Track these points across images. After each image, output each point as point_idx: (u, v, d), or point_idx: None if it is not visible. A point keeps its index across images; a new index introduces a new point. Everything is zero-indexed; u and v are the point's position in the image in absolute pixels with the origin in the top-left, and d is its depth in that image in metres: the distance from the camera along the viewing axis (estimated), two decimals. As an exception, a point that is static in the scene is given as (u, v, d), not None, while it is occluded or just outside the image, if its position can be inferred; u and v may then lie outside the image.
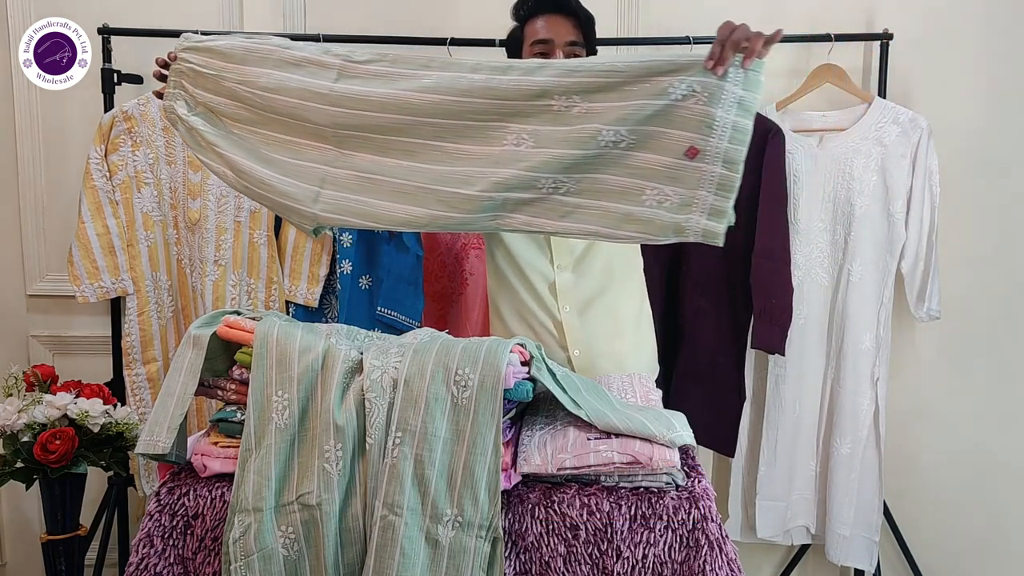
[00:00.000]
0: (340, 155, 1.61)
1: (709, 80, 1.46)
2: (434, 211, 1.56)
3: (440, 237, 2.48)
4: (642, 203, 1.51)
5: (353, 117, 1.56)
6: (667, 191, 1.50)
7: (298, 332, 1.42)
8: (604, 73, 1.49)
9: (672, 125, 1.48)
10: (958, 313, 2.56)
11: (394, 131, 1.56)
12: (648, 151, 1.50)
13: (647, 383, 1.75)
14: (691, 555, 1.34)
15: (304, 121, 1.59)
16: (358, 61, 1.57)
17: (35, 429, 2.04)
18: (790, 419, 2.50)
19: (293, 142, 1.63)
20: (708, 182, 1.48)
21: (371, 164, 1.59)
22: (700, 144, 1.47)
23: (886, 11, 2.50)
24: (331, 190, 1.60)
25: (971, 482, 2.66)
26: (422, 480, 1.33)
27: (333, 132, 1.59)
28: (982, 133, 2.53)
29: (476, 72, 1.53)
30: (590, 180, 1.53)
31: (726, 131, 1.47)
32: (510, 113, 1.53)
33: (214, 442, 1.43)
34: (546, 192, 1.54)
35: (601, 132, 1.49)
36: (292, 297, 2.44)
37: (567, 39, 1.86)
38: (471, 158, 1.56)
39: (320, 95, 1.57)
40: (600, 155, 1.51)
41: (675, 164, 1.48)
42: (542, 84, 1.50)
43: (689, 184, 1.49)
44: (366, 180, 1.59)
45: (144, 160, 2.39)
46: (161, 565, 1.39)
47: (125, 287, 2.43)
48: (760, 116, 2.38)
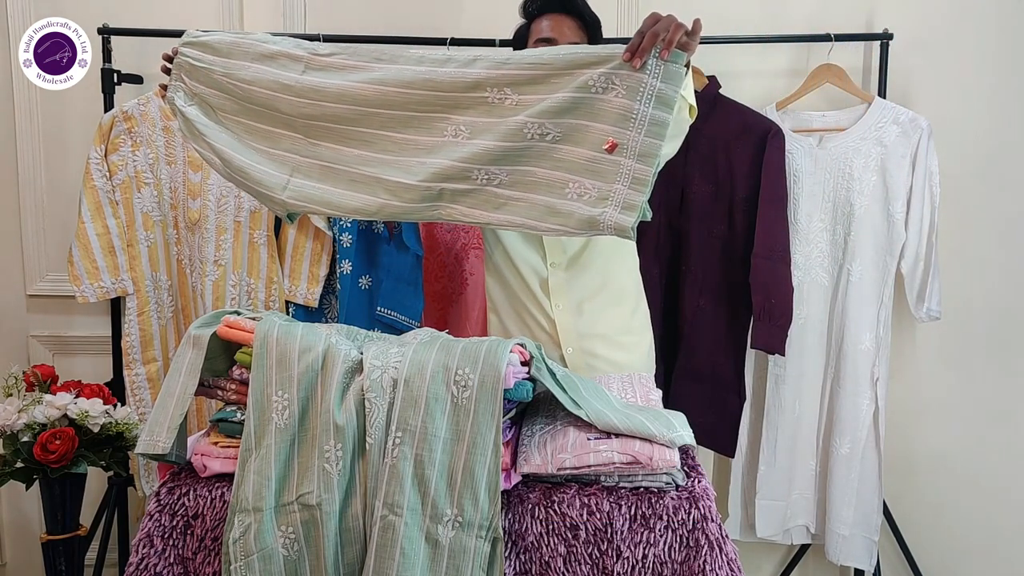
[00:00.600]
0: (308, 144, 1.67)
1: (628, 72, 1.46)
2: (381, 199, 1.62)
3: (440, 237, 2.48)
4: (564, 196, 1.53)
5: (315, 108, 1.62)
6: (587, 184, 1.51)
7: (298, 332, 1.42)
8: (531, 65, 1.51)
9: (594, 118, 1.49)
10: (958, 313, 2.56)
11: (350, 121, 1.62)
12: (571, 144, 1.51)
13: (647, 383, 1.75)
14: (691, 555, 1.34)
15: (277, 111, 1.66)
16: (321, 54, 1.63)
17: (35, 429, 2.04)
18: (790, 419, 2.50)
19: (270, 131, 1.70)
20: (624, 176, 1.48)
21: (332, 153, 1.65)
22: (619, 138, 1.47)
23: (886, 11, 2.50)
24: (299, 178, 1.67)
25: (971, 482, 2.66)
26: (422, 480, 1.33)
27: (302, 123, 1.65)
28: (982, 133, 2.53)
29: (419, 64, 1.57)
30: (520, 172, 1.56)
31: (643, 124, 1.46)
32: (450, 105, 1.57)
33: (214, 442, 1.43)
34: (480, 184, 1.57)
35: (527, 124, 1.52)
36: (292, 297, 2.44)
37: (570, 39, 1.87)
38: (416, 148, 1.60)
39: (288, 87, 1.62)
40: (528, 147, 1.53)
41: (595, 157, 1.50)
42: (476, 76, 1.53)
43: (607, 178, 1.49)
44: (327, 169, 1.66)
45: (144, 160, 2.39)
46: (161, 565, 1.39)
47: (125, 287, 2.43)
48: (760, 116, 2.39)
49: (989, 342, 2.61)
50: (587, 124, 1.49)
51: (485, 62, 1.54)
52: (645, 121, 1.46)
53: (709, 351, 2.41)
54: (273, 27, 2.53)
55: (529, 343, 1.44)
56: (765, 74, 2.55)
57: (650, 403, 1.60)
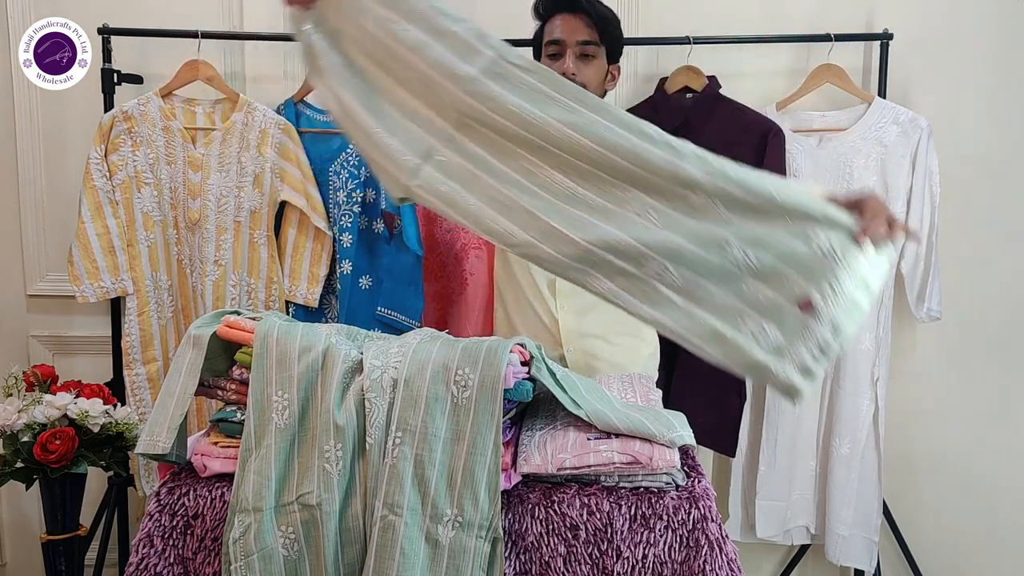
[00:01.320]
0: (455, 137, 1.47)
1: (850, 246, 1.36)
2: (530, 237, 1.44)
3: (440, 237, 2.48)
4: (738, 328, 1.40)
5: (484, 115, 1.43)
6: (767, 327, 1.39)
7: (298, 332, 1.42)
8: (759, 197, 1.39)
9: (800, 271, 1.37)
10: (958, 313, 2.55)
11: (519, 143, 1.44)
12: (765, 282, 1.39)
13: (647, 383, 1.75)
14: (691, 555, 1.34)
15: (430, 90, 1.45)
16: (512, 62, 1.43)
17: (35, 429, 2.04)
18: (790, 419, 2.49)
19: (411, 102, 1.49)
20: (811, 339, 1.37)
21: (484, 161, 1.46)
22: (817, 301, 1.36)
23: (886, 11, 2.50)
24: (434, 170, 1.47)
25: (971, 482, 2.66)
26: (422, 480, 1.33)
27: (457, 116, 1.46)
28: (982, 133, 2.53)
29: (628, 130, 1.41)
30: (698, 283, 1.41)
31: (846, 302, 1.36)
32: (645, 184, 1.42)
33: (214, 442, 1.43)
34: (649, 274, 1.42)
35: (731, 245, 1.39)
36: (292, 297, 2.44)
37: (578, 38, 1.87)
38: (586, 205, 1.44)
39: (458, 77, 1.42)
40: (719, 265, 1.40)
41: (785, 307, 1.38)
42: (694, 177, 1.39)
43: (790, 332, 1.37)
44: (475, 176, 1.46)
45: (144, 160, 2.39)
46: (161, 565, 1.39)
47: (125, 287, 2.43)
48: (760, 116, 2.39)
49: (989, 342, 2.61)
50: (791, 272, 1.38)
51: (709, 165, 1.40)
52: (848, 300, 1.36)
53: (709, 351, 2.41)
54: (273, 27, 2.53)
55: (529, 343, 1.44)
56: (765, 74, 2.55)
57: (650, 403, 1.60)
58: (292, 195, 2.37)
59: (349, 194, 2.40)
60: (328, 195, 2.42)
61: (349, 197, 2.40)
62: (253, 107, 2.38)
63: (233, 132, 2.37)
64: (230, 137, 2.37)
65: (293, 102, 2.45)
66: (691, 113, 2.36)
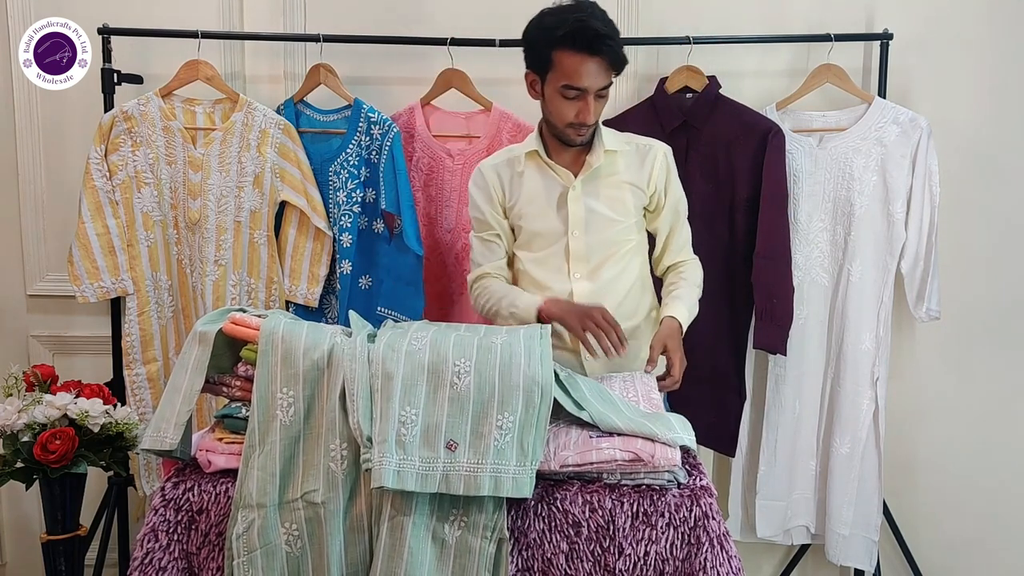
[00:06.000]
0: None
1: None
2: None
3: (440, 237, 2.48)
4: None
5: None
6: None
7: (303, 330, 1.42)
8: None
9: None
10: (958, 313, 2.56)
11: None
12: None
13: (648, 382, 1.75)
14: (692, 552, 1.35)
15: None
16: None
17: (35, 429, 2.03)
18: (790, 419, 2.50)
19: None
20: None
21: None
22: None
23: (886, 11, 2.51)
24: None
25: (971, 482, 2.66)
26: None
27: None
28: (982, 133, 2.53)
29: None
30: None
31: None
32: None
33: (219, 438, 1.43)
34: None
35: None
36: (292, 297, 2.44)
37: (601, 84, 1.81)
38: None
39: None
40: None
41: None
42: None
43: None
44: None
45: (144, 160, 2.39)
46: (166, 559, 1.39)
47: (125, 287, 2.43)
48: (760, 116, 2.39)
49: (989, 342, 2.61)
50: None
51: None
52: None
53: (709, 351, 2.41)
54: (273, 27, 2.53)
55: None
56: (765, 74, 2.56)
57: (651, 402, 1.60)
58: (292, 195, 2.38)
59: (349, 194, 2.40)
60: (328, 195, 2.42)
61: (349, 197, 2.40)
62: (253, 107, 2.38)
63: (233, 132, 2.37)
64: (230, 137, 2.37)
65: (293, 102, 2.45)
66: (691, 113, 2.37)
